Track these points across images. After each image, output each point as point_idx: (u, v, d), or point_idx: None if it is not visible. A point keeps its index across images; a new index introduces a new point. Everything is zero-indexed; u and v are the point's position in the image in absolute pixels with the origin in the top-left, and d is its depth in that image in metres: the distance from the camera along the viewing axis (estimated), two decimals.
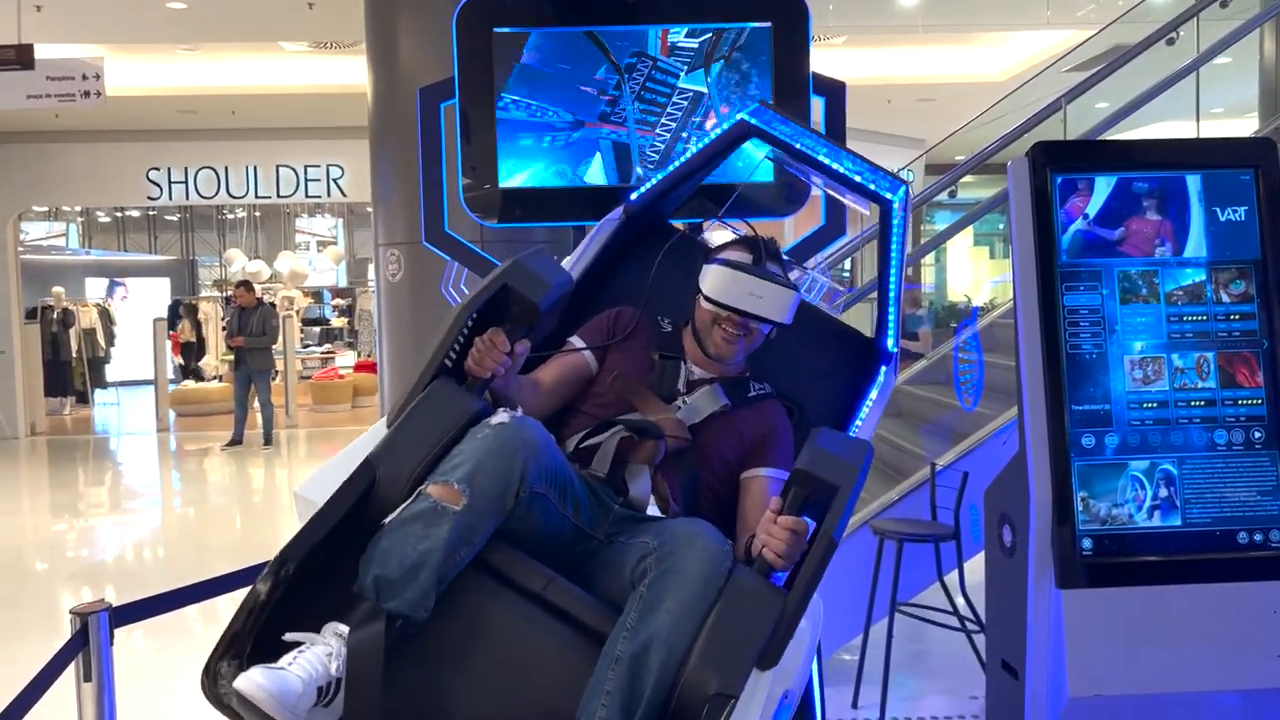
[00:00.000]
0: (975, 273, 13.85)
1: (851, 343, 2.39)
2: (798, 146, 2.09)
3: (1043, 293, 2.29)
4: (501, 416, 1.76)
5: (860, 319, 10.19)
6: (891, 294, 2.22)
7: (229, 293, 13.45)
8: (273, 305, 12.00)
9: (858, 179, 2.07)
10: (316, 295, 18.17)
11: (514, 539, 1.76)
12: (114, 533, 7.55)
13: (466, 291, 2.77)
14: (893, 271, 2.18)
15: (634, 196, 2.35)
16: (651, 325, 2.24)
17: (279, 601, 1.58)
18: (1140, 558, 2.25)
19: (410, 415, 1.76)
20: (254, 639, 1.57)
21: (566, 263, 2.29)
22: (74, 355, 13.47)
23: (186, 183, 11.33)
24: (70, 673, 2.06)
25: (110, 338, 14.73)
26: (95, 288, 16.73)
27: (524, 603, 1.73)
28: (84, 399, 13.95)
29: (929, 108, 10.86)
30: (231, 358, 10.74)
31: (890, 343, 2.23)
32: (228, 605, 5.90)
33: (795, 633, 1.70)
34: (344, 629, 1.58)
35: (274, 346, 10.77)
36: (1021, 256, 2.32)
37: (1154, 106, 5.27)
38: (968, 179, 7.49)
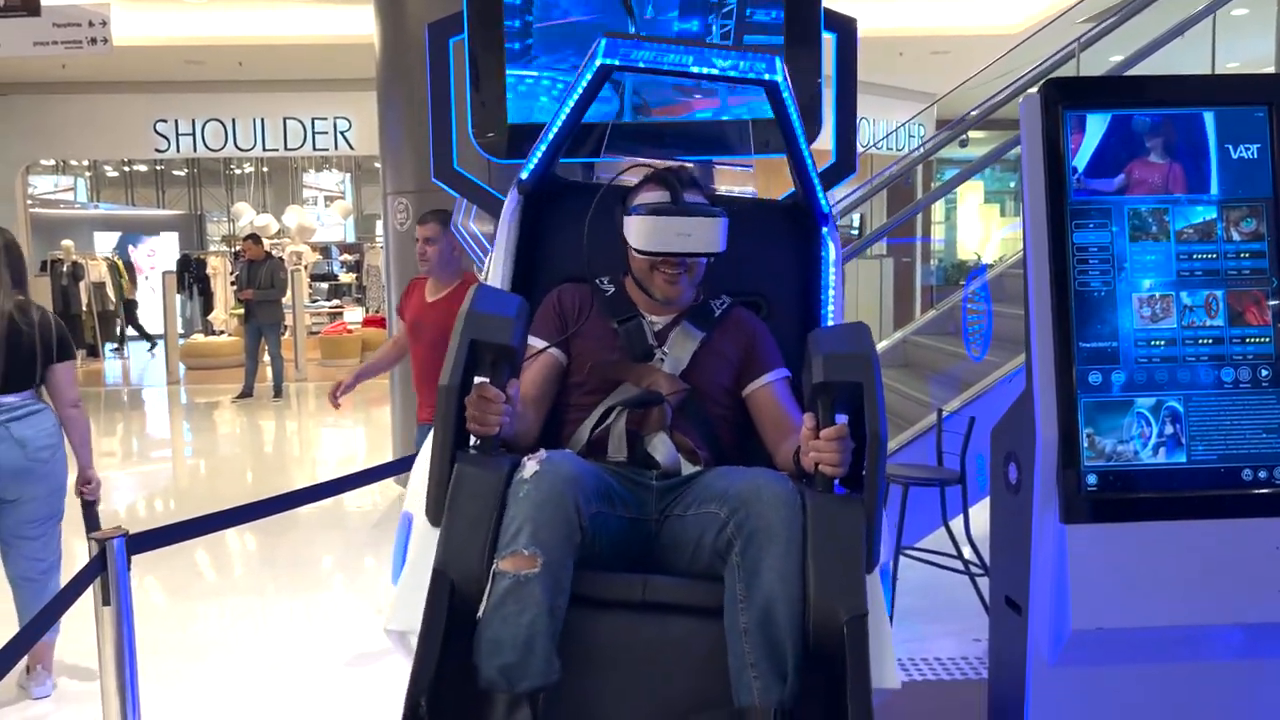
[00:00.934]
0: (986, 231, 13.79)
1: (782, 214, 2.38)
2: (666, 66, 2.03)
3: (1052, 230, 2.28)
4: (531, 466, 1.75)
5: (869, 274, 10.15)
6: (807, 162, 2.25)
7: (237, 247, 13.49)
8: (281, 259, 12.02)
9: (735, 74, 2.03)
10: (324, 251, 18.19)
11: (586, 562, 1.78)
12: (126, 483, 7.62)
13: (475, 229, 2.77)
14: (799, 141, 2.20)
15: (524, 174, 2.28)
16: (595, 293, 2.19)
17: None
18: (1144, 494, 2.26)
19: (452, 508, 1.74)
20: None
21: (493, 273, 2.22)
22: (84, 309, 13.53)
23: (194, 135, 11.32)
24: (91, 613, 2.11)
25: (121, 291, 14.79)
26: (107, 242, 16.77)
27: (632, 615, 1.77)
28: (94, 352, 14.03)
29: (942, 60, 10.76)
30: (240, 311, 10.78)
31: (822, 203, 2.24)
32: (237, 542, 5.96)
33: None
34: None
35: (283, 300, 10.81)
36: (1032, 194, 2.30)
37: (1169, 61, 5.21)
38: (979, 135, 7.43)
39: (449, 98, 2.60)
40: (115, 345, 14.97)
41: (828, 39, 2.56)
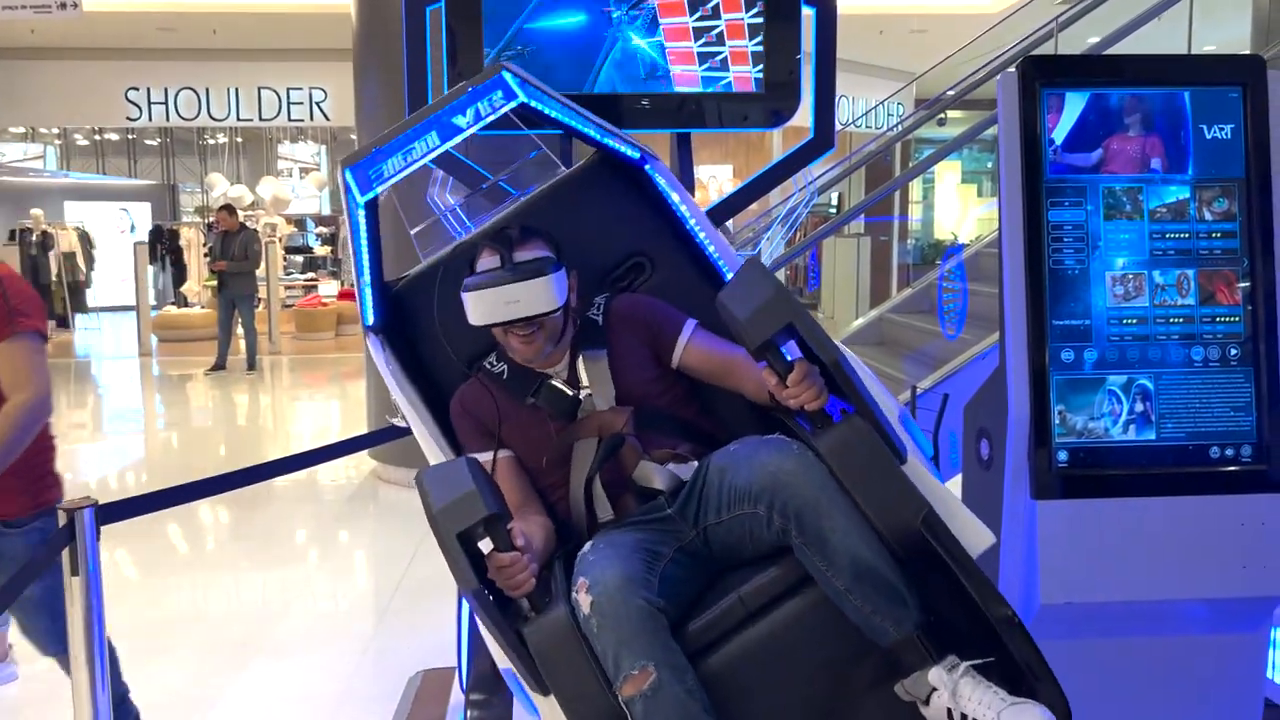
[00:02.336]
0: (963, 210, 13.84)
1: (607, 175, 2.31)
2: (418, 160, 1.95)
3: (1028, 208, 2.29)
4: (584, 601, 1.75)
5: (847, 252, 10.14)
6: (586, 132, 2.18)
7: (211, 219, 13.34)
8: (255, 231, 11.90)
9: (484, 119, 1.95)
10: (300, 223, 18.03)
11: (677, 619, 1.81)
12: (97, 455, 7.56)
13: (451, 199, 2.75)
14: (569, 122, 2.15)
15: (369, 320, 2.17)
16: (489, 381, 2.12)
17: None
18: (1114, 470, 2.29)
19: (551, 679, 1.75)
20: None
21: (411, 420, 2.13)
22: (54, 279, 13.36)
23: (166, 103, 11.17)
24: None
25: (90, 262, 14.61)
26: (76, 211, 16.51)
27: (749, 630, 1.82)
28: (64, 323, 13.87)
29: (922, 40, 10.76)
30: (214, 283, 10.69)
31: (625, 152, 2.20)
32: (210, 516, 5.94)
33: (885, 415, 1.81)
34: None
35: (257, 272, 10.71)
36: (1008, 172, 2.31)
37: (1147, 43, 5.24)
38: (958, 115, 7.44)
39: (425, 67, 2.57)
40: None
41: (807, 14, 2.55)
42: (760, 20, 2.55)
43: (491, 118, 1.94)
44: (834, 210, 13.46)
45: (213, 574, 4.85)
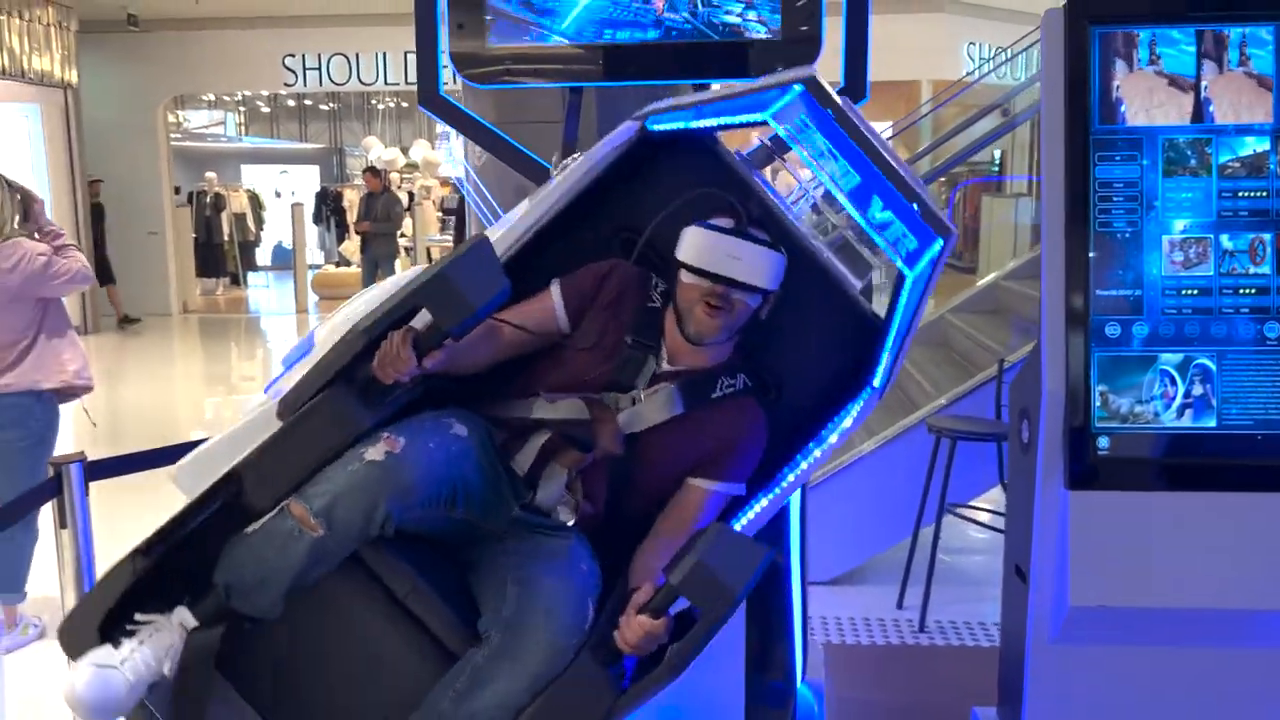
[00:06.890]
0: None
1: (852, 326, 2.05)
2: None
3: (1070, 163, 2.04)
4: (377, 449, 1.65)
5: (1005, 211, 9.48)
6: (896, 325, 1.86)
7: None
8: (411, 194, 12.21)
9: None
10: (457, 185, 18.49)
11: (399, 534, 1.71)
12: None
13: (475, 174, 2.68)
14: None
15: (658, 125, 1.97)
16: (641, 294, 1.98)
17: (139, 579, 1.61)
18: (1164, 460, 2.03)
19: (290, 428, 1.67)
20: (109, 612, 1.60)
21: (541, 199, 1.96)
22: (225, 238, 14.16)
23: (320, 69, 11.54)
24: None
25: (260, 222, 15.42)
26: (251, 174, 17.44)
27: (385, 603, 1.75)
28: (236, 280, 14.70)
29: None
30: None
31: (877, 379, 1.90)
32: None
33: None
34: (192, 621, 1.62)
35: (401, 233, 11.01)
36: (1049, 121, 2.07)
37: None
38: None
39: (435, 18, 2.49)
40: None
41: None
42: None
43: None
44: (996, 168, 12.76)
45: None
